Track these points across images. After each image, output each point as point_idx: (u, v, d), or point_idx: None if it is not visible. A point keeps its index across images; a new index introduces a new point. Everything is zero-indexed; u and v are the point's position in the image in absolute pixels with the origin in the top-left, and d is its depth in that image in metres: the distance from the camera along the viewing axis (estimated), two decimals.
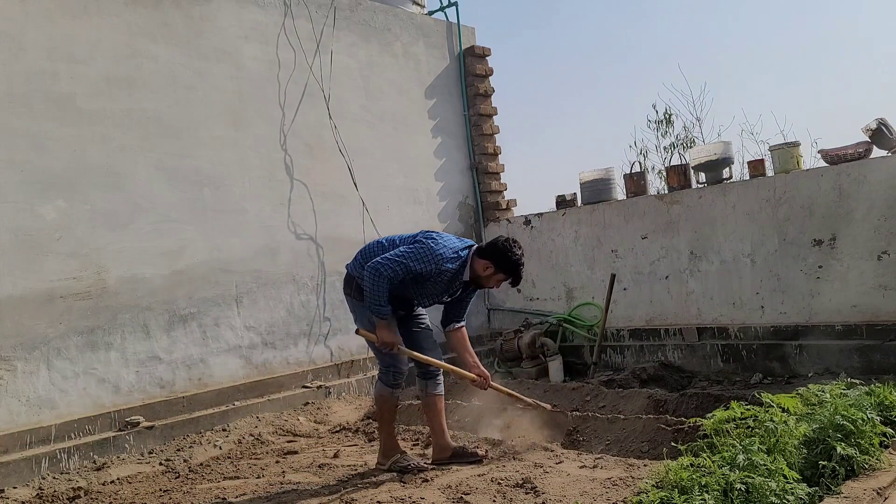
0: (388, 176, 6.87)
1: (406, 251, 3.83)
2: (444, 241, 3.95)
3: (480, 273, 3.97)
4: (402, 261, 3.78)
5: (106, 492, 4.11)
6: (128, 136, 5.18)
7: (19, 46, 4.74)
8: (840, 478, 2.97)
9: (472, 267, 3.98)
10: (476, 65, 7.73)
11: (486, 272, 3.96)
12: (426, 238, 3.92)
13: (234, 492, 3.95)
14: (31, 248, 4.68)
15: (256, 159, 5.91)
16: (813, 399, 3.55)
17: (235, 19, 5.91)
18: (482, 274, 3.97)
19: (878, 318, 5.23)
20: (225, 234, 5.63)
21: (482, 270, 3.97)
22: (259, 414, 5.40)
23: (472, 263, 3.98)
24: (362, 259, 4.02)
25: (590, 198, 6.97)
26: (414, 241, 3.94)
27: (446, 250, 3.89)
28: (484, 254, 3.98)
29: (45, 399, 4.65)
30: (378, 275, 3.75)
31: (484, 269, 3.96)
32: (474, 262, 3.98)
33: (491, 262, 3.94)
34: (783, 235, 5.67)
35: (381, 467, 4.09)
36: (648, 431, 4.15)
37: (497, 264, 3.94)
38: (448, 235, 4.07)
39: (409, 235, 4.06)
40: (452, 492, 3.59)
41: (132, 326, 5.08)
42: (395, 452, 4.10)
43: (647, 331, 6.42)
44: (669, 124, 12.25)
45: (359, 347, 6.39)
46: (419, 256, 3.81)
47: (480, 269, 3.97)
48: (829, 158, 5.53)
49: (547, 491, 3.47)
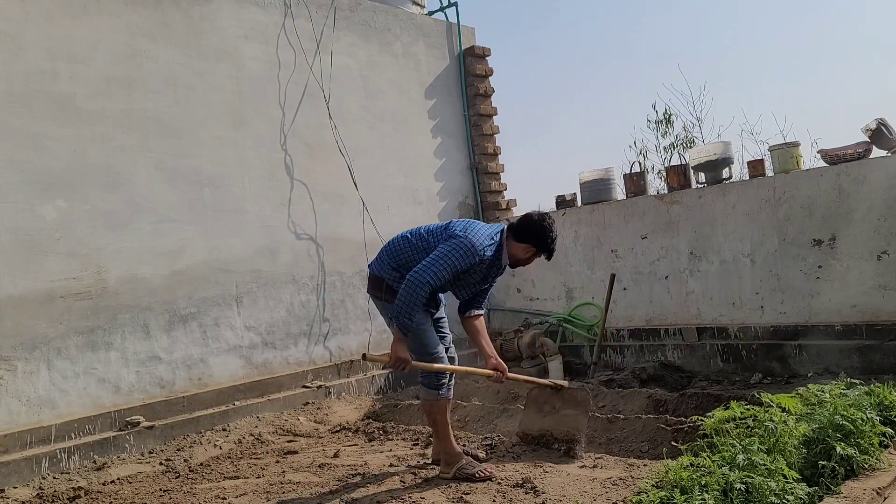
0: (388, 176, 6.87)
1: (448, 251, 3.57)
2: (478, 229, 3.73)
3: (521, 256, 3.81)
4: (446, 263, 3.55)
5: (106, 492, 4.11)
6: (128, 136, 5.18)
7: (19, 46, 4.74)
8: (840, 478, 2.97)
9: (511, 251, 3.80)
10: (476, 65, 7.73)
11: (526, 254, 3.80)
12: (464, 232, 3.67)
13: (234, 492, 3.95)
14: (31, 248, 4.68)
15: (256, 159, 5.91)
16: (813, 399, 3.55)
17: (235, 19, 5.91)
18: (522, 256, 3.81)
19: (878, 318, 5.24)
20: (225, 234, 5.63)
21: (522, 253, 3.80)
22: (259, 414, 5.41)
23: (509, 247, 3.79)
24: (388, 258, 3.83)
25: (590, 198, 6.97)
26: (449, 235, 3.68)
27: (484, 238, 3.68)
28: (521, 236, 3.78)
29: (46, 399, 4.65)
30: (421, 285, 3.50)
31: (524, 252, 3.79)
32: (511, 246, 3.79)
33: (531, 244, 3.77)
34: (783, 235, 5.67)
35: (444, 476, 3.80)
36: (648, 431, 4.15)
37: (538, 246, 3.78)
38: (476, 222, 3.86)
39: (437, 227, 3.83)
40: (452, 491, 3.60)
41: (132, 326, 5.08)
42: (459, 459, 3.81)
43: (647, 331, 6.43)
44: (669, 124, 12.27)
45: (359, 347, 6.40)
46: (462, 254, 3.58)
47: (520, 252, 3.79)
48: (828, 158, 5.53)
49: (547, 491, 3.47)
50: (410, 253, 3.78)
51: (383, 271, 3.84)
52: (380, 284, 3.85)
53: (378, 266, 3.88)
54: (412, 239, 3.83)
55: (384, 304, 3.87)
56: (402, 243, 3.84)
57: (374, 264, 3.92)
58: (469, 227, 3.73)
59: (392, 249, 3.86)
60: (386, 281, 3.81)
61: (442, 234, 3.75)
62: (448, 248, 3.59)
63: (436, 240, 3.75)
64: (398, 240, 3.88)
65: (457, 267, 3.57)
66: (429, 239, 3.77)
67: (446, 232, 3.74)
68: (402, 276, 3.71)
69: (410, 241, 3.82)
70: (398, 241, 3.87)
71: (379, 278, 3.85)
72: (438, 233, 3.78)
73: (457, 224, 3.78)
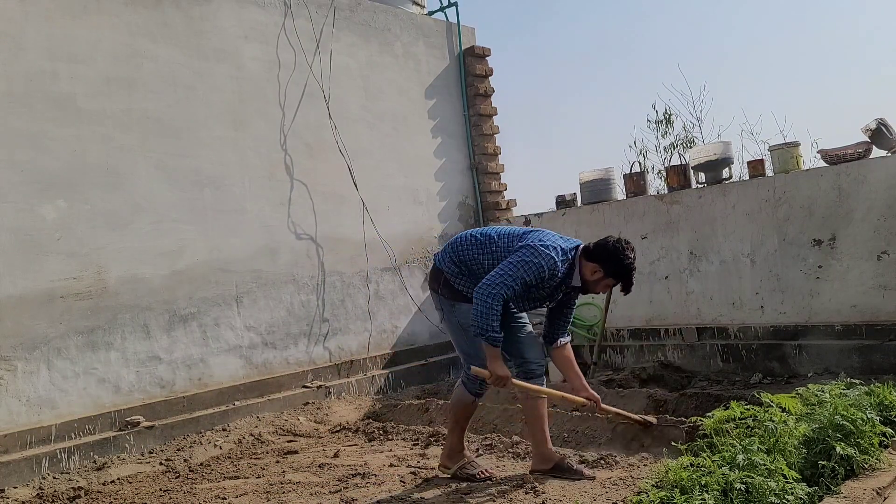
0: (388, 176, 6.87)
1: (521, 262, 3.42)
2: (552, 241, 3.56)
3: (588, 277, 3.59)
4: (516, 275, 3.39)
5: (106, 492, 4.11)
6: (128, 136, 5.18)
7: (19, 46, 4.74)
8: (840, 478, 2.97)
9: (582, 270, 3.59)
10: (476, 65, 7.73)
11: (593, 276, 3.57)
12: (540, 245, 3.49)
13: (234, 492, 3.95)
14: (31, 248, 4.68)
15: (256, 159, 5.91)
16: (812, 399, 3.55)
17: (235, 19, 5.91)
18: (590, 279, 3.59)
19: (878, 318, 5.23)
20: (225, 234, 5.63)
21: (590, 275, 3.58)
22: (259, 414, 5.41)
23: (581, 266, 3.59)
24: (451, 253, 3.71)
25: (590, 198, 6.97)
26: (522, 245, 3.52)
27: (558, 253, 3.51)
28: (592, 256, 3.56)
29: (46, 399, 4.65)
30: (493, 297, 3.35)
31: (592, 274, 3.57)
32: (582, 265, 3.58)
33: (600, 266, 3.55)
34: (783, 235, 5.67)
35: (445, 470, 3.83)
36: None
37: (607, 269, 3.55)
38: (551, 234, 3.66)
39: (510, 232, 3.67)
40: (452, 491, 3.60)
41: (132, 326, 5.08)
42: (462, 458, 3.82)
43: (647, 331, 6.42)
44: (669, 124, 12.25)
45: (359, 347, 6.40)
46: (533, 268, 3.42)
47: (588, 273, 3.58)
48: (828, 158, 5.53)
49: (547, 491, 3.47)
50: (475, 252, 3.66)
51: (444, 263, 3.73)
52: (438, 277, 3.75)
53: (440, 258, 3.77)
54: (481, 239, 3.69)
55: (442, 298, 3.76)
56: (468, 241, 3.71)
57: (439, 256, 3.81)
58: (545, 238, 3.58)
59: (457, 245, 3.73)
60: (444, 274, 3.71)
61: (514, 241, 3.60)
62: (521, 258, 3.45)
63: (506, 245, 3.60)
64: (466, 237, 3.75)
65: (526, 280, 3.44)
66: (498, 243, 3.63)
67: (520, 241, 3.58)
68: (460, 272, 3.66)
69: (479, 240, 3.69)
70: (465, 239, 3.74)
71: (439, 270, 3.75)
72: (510, 239, 3.62)
73: (533, 234, 3.61)
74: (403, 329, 6.79)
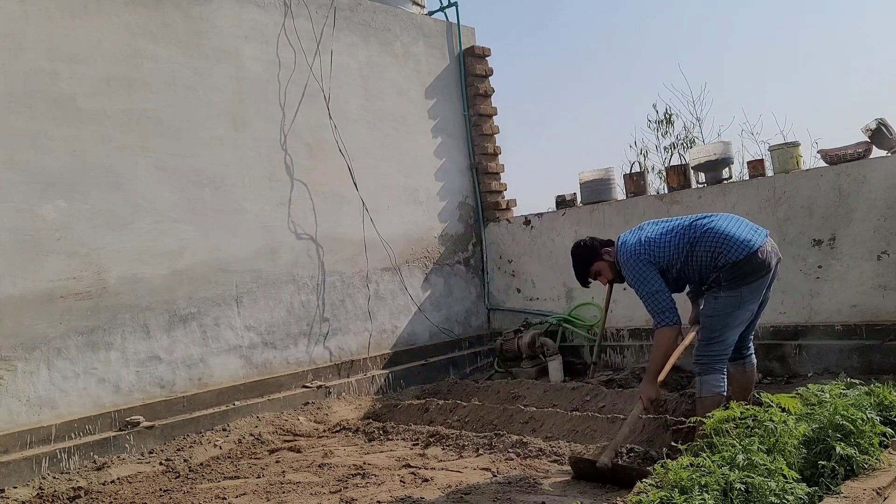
0: (388, 176, 6.87)
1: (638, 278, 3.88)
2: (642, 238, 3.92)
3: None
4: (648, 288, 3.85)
5: (106, 492, 4.12)
6: (128, 136, 5.18)
7: (19, 46, 4.74)
8: (839, 478, 2.97)
9: None
10: (476, 65, 7.73)
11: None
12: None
13: (234, 492, 3.95)
14: (31, 248, 4.68)
15: (256, 159, 5.91)
16: (812, 399, 3.55)
17: (235, 19, 5.91)
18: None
19: (878, 318, 5.23)
20: (225, 234, 5.63)
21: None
22: (259, 414, 5.41)
23: None
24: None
25: (590, 198, 6.97)
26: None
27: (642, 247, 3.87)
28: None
29: (46, 399, 4.65)
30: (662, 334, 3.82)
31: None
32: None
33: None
34: (783, 235, 5.67)
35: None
36: (648, 431, 4.15)
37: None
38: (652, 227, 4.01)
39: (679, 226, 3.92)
40: (452, 491, 3.60)
41: (132, 326, 5.08)
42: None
43: (647, 330, 6.42)
44: (669, 124, 12.27)
45: (359, 347, 6.40)
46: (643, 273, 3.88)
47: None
48: (828, 158, 5.53)
49: (547, 491, 3.47)
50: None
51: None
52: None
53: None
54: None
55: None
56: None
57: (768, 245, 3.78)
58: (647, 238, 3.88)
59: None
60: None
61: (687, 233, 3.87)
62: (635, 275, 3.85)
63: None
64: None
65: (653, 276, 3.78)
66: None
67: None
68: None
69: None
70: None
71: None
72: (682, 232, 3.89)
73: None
74: (403, 329, 6.79)
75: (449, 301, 7.26)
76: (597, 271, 4.10)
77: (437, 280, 7.18)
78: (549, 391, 5.51)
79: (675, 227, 3.85)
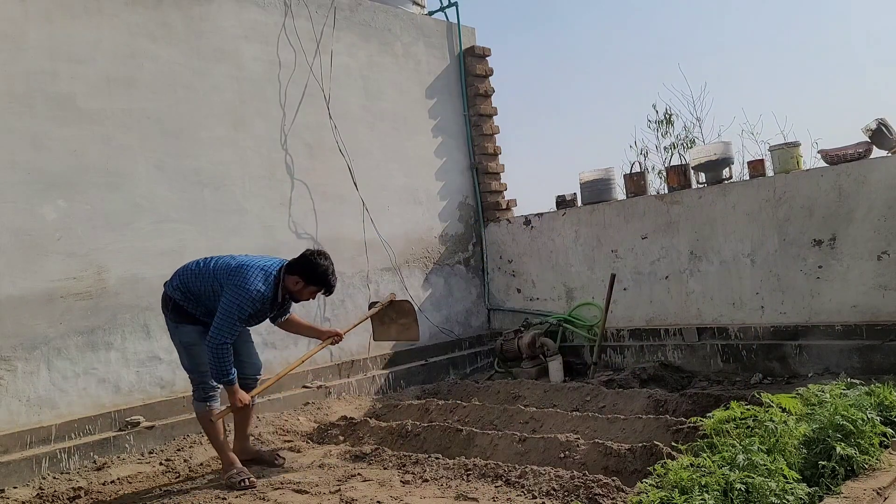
0: (388, 176, 6.87)
1: (231, 305, 3.91)
2: (255, 266, 4.04)
3: (292, 288, 4.13)
4: (233, 316, 3.91)
5: (106, 492, 4.12)
6: (128, 136, 5.18)
7: (19, 46, 4.74)
8: (840, 478, 2.97)
9: (285, 284, 4.12)
10: (476, 65, 7.73)
11: (296, 287, 4.13)
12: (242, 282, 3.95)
13: (233, 491, 3.94)
14: (31, 248, 4.68)
15: (256, 159, 5.91)
16: (813, 399, 3.55)
17: (235, 19, 5.91)
18: (294, 289, 4.14)
19: (878, 318, 5.23)
20: (225, 234, 5.63)
21: (293, 286, 4.12)
22: (259, 414, 5.39)
23: (284, 281, 4.12)
24: (180, 283, 4.13)
25: (590, 198, 6.97)
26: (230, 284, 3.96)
27: (258, 278, 3.99)
28: (292, 270, 4.12)
29: (46, 399, 4.65)
30: (221, 348, 3.89)
31: (295, 285, 4.12)
32: (286, 280, 4.11)
33: (300, 277, 4.10)
34: (783, 235, 5.67)
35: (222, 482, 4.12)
36: (648, 431, 4.15)
37: (306, 278, 4.11)
38: (254, 259, 4.16)
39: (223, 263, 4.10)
40: (452, 491, 3.59)
41: (132, 326, 5.08)
42: (233, 467, 4.12)
43: (647, 331, 6.42)
44: (669, 124, 12.23)
45: (359, 347, 6.40)
46: (245, 302, 3.93)
47: (291, 284, 4.12)
48: (828, 158, 5.53)
49: (547, 491, 3.47)
50: (197, 282, 4.09)
51: (173, 291, 4.15)
52: (168, 302, 4.19)
53: (170, 286, 4.19)
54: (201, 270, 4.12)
55: (167, 320, 4.23)
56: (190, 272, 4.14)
57: (167, 284, 4.22)
58: (247, 268, 4.02)
59: (182, 275, 4.17)
60: (174, 300, 4.14)
61: (226, 274, 4.03)
62: (232, 300, 3.92)
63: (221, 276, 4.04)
64: (189, 268, 4.18)
65: (245, 313, 3.95)
66: (215, 273, 4.07)
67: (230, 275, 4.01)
68: (187, 298, 4.10)
69: (199, 271, 4.12)
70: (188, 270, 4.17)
71: (168, 297, 4.18)
72: (223, 272, 4.05)
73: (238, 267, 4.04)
74: None
75: (449, 301, 7.26)
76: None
77: (438, 280, 7.18)
78: (550, 391, 5.51)
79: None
